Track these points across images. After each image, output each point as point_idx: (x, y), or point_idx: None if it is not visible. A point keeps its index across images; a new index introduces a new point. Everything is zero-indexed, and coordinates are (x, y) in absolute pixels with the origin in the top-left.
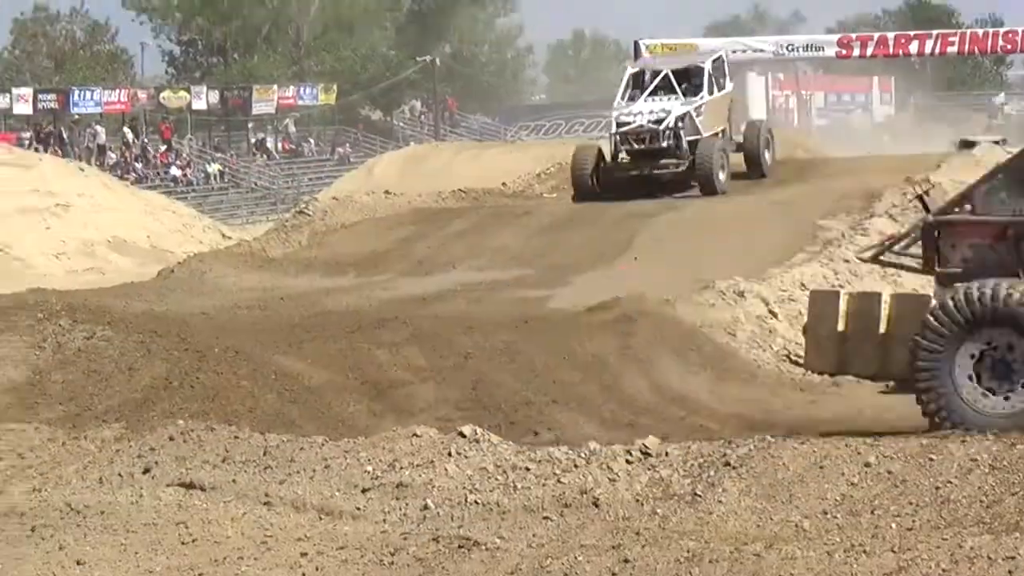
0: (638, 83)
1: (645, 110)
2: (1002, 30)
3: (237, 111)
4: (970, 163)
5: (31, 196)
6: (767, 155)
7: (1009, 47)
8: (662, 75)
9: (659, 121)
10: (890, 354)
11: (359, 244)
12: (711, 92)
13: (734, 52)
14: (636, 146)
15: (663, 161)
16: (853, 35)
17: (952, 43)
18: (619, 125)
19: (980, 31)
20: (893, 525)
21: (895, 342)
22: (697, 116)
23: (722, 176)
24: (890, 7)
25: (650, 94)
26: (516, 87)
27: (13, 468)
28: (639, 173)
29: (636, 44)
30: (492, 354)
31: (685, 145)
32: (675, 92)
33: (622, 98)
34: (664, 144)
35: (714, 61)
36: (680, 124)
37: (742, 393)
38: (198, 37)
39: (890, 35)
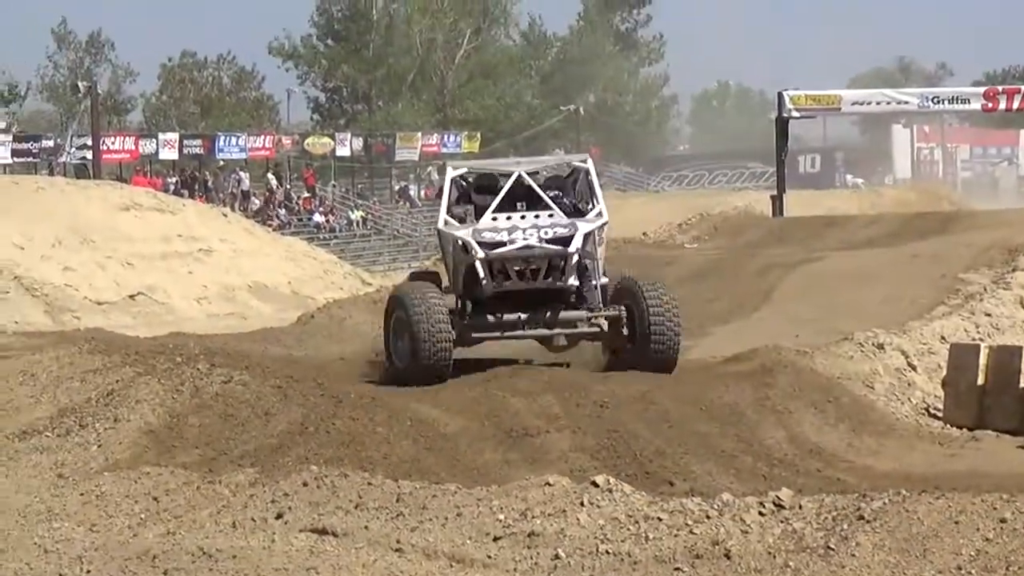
0: (465, 196)
1: (523, 224)
2: None
3: (381, 158)
4: None
5: (175, 241)
6: None
7: None
8: (513, 180)
9: (563, 240)
10: None
11: None
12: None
13: (879, 104)
14: (520, 282)
15: (565, 315)
16: (999, 88)
17: None
18: (486, 245)
19: None
20: None
21: None
22: (599, 244)
23: None
24: None
25: (498, 209)
26: (660, 137)
27: (147, 512)
28: (525, 331)
29: (780, 95)
30: (628, 403)
31: (597, 288)
32: (543, 205)
33: (448, 212)
34: (568, 281)
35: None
36: (586, 251)
37: (879, 446)
38: (343, 84)
39: None
